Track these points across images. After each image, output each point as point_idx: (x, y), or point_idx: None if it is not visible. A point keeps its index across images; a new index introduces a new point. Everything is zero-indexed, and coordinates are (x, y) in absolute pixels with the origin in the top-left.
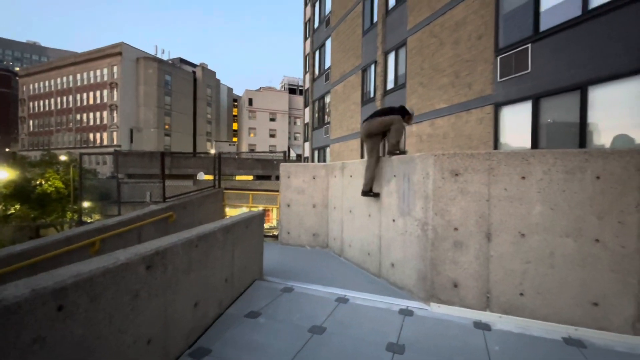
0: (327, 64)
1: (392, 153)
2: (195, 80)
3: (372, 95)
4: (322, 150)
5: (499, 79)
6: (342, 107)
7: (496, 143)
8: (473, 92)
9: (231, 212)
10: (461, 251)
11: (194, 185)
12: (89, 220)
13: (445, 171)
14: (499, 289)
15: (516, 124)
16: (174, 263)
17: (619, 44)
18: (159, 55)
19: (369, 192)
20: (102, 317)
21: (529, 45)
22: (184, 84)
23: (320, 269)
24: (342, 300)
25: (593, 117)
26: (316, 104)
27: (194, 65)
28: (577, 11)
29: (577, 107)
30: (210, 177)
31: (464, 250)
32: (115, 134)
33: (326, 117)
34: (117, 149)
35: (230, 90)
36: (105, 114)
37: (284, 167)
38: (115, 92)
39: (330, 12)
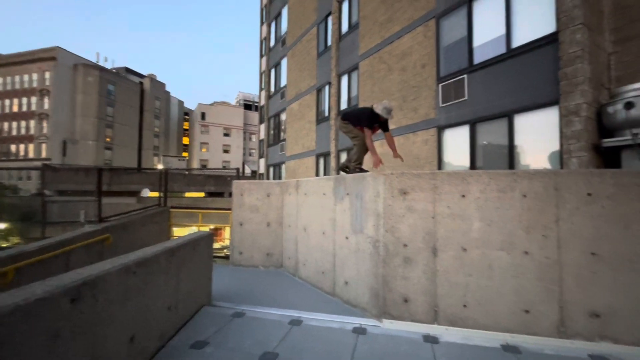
0: (283, 82)
1: (353, 170)
2: (142, 91)
3: (326, 114)
4: (277, 167)
5: (441, 105)
6: (298, 125)
7: (440, 162)
8: (419, 115)
9: (179, 233)
10: (410, 267)
11: (138, 202)
12: (4, 245)
13: (395, 190)
14: (446, 302)
15: (457, 145)
16: (107, 294)
17: (537, 79)
18: (102, 63)
19: (357, 168)
20: None
21: (465, 75)
22: (130, 95)
23: (273, 290)
24: (296, 322)
25: (519, 140)
26: (272, 120)
27: (141, 76)
28: (502, 49)
29: (506, 132)
30: (157, 194)
31: (413, 265)
32: (44, 145)
33: (282, 134)
34: (47, 162)
35: (181, 103)
36: (32, 123)
37: (237, 185)
38: (46, 100)
39: (286, 32)
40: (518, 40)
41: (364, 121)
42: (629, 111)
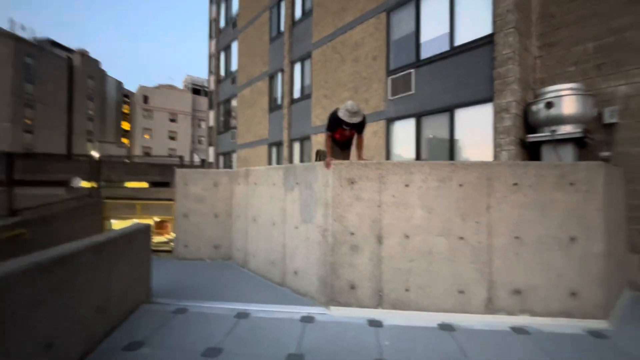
0: (234, 66)
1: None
2: (71, 67)
3: (279, 102)
4: (228, 155)
5: (390, 97)
6: (250, 112)
7: (388, 153)
8: (369, 107)
9: (119, 226)
10: (357, 254)
11: (68, 193)
12: None
13: (343, 179)
14: (389, 287)
15: (404, 137)
16: (11, 297)
17: (475, 77)
18: (18, 33)
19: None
20: None
21: (413, 70)
22: (55, 71)
23: (221, 283)
24: (243, 315)
25: (458, 134)
26: (222, 106)
27: (70, 51)
28: (446, 46)
29: (447, 126)
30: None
31: (360, 253)
32: None
33: (233, 121)
34: None
35: (119, 84)
36: None
37: (180, 174)
38: None
39: (237, 14)
40: (460, 39)
41: (327, 126)
42: (549, 110)
